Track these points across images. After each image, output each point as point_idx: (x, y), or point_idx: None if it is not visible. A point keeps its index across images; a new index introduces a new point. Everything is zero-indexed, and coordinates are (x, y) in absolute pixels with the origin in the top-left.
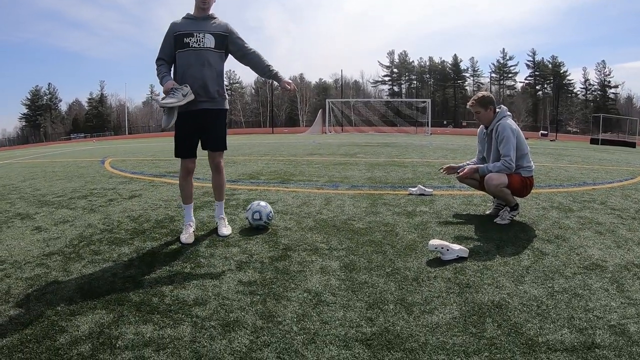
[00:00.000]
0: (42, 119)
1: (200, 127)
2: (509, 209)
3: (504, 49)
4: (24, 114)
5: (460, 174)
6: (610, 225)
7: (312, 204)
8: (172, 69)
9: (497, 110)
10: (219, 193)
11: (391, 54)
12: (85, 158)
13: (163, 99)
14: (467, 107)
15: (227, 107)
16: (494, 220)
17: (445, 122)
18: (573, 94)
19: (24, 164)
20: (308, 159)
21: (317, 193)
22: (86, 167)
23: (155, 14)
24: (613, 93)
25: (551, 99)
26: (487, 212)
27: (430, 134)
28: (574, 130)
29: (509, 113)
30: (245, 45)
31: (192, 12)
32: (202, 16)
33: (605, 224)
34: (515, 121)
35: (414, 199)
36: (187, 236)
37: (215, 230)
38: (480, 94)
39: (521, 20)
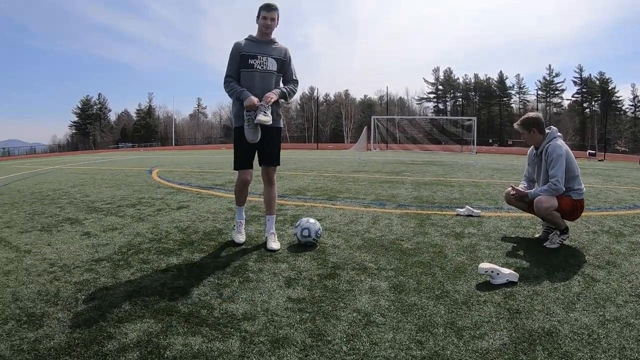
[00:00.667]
0: (91, 128)
1: (258, 143)
2: (558, 233)
3: (550, 66)
4: (74, 122)
5: (512, 193)
6: None
7: (360, 222)
8: None
9: (547, 131)
10: (271, 207)
11: (436, 70)
12: (133, 167)
13: (254, 115)
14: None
15: (282, 125)
16: (544, 244)
17: (490, 141)
18: (621, 112)
19: (73, 170)
20: (354, 176)
21: (364, 211)
22: (134, 176)
23: (202, 30)
24: None
25: (599, 117)
26: (536, 236)
27: (476, 152)
28: (623, 149)
29: (559, 134)
30: (293, 77)
31: (254, 35)
32: (264, 40)
33: None
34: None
35: (462, 220)
36: (240, 235)
37: (263, 245)
38: (525, 115)
39: (568, 36)
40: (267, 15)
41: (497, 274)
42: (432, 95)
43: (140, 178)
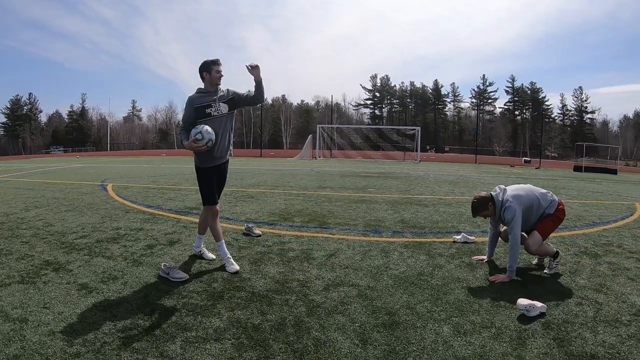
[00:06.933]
0: (21, 130)
1: (219, 177)
2: (552, 259)
3: (484, 75)
4: (3, 123)
5: (491, 279)
6: (635, 270)
7: (374, 257)
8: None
9: (494, 194)
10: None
11: (374, 77)
12: (81, 181)
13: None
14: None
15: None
16: (544, 272)
17: (427, 147)
18: (551, 119)
19: (16, 183)
20: (324, 195)
21: (367, 241)
22: (89, 194)
23: (140, 29)
24: (590, 118)
25: (530, 124)
26: (534, 262)
27: (420, 161)
28: (553, 154)
29: (504, 196)
30: (242, 93)
31: (203, 87)
32: (214, 90)
33: (631, 269)
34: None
35: (463, 249)
36: (234, 266)
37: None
38: (473, 203)
39: (501, 47)
40: (220, 68)
41: (533, 307)
42: (369, 102)
43: (98, 197)
